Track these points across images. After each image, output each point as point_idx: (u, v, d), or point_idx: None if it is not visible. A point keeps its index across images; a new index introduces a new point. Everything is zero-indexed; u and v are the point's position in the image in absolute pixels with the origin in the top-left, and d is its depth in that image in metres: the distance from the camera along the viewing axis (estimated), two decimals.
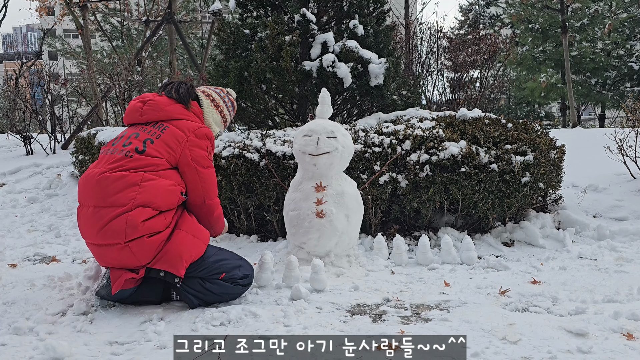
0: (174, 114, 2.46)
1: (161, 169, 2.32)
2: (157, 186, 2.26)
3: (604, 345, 1.89)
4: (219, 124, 2.74)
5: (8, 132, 7.81)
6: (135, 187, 2.22)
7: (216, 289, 2.30)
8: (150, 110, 2.44)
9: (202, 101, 2.67)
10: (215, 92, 2.79)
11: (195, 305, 2.29)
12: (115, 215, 2.19)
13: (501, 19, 21.06)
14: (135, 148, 2.32)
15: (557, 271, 2.85)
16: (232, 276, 2.33)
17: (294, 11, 4.32)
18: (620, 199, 4.05)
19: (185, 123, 2.45)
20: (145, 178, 2.25)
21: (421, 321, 2.14)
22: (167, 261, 2.21)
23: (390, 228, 3.45)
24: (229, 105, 2.82)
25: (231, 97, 2.88)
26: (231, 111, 2.84)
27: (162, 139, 2.36)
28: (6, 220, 4.28)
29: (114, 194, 2.21)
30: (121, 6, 15.20)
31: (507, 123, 3.69)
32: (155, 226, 2.21)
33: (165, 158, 2.34)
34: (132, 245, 2.17)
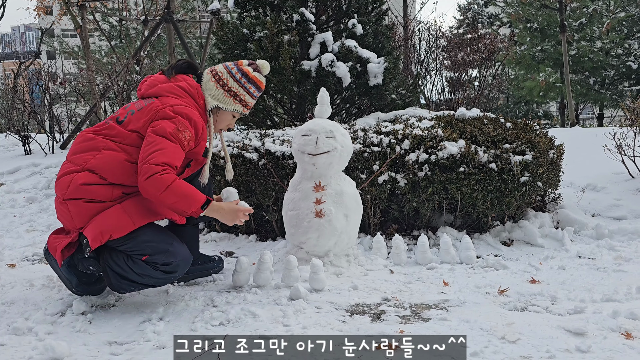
0: (163, 90, 2.41)
1: (128, 142, 2.30)
2: (112, 157, 2.27)
3: (603, 345, 1.89)
4: (223, 100, 2.52)
5: (6, 131, 7.80)
6: (94, 151, 2.29)
7: (136, 268, 2.24)
8: (147, 85, 2.46)
9: (203, 77, 2.56)
10: (225, 65, 2.58)
11: (113, 285, 2.27)
12: (69, 172, 2.29)
13: (500, 18, 21.07)
14: (117, 118, 2.38)
15: (555, 270, 2.86)
16: (153, 260, 2.24)
17: (293, 11, 4.31)
18: (619, 198, 4.05)
19: (168, 99, 2.37)
20: (108, 147, 2.28)
21: (420, 321, 2.14)
22: (91, 230, 2.20)
23: (389, 227, 3.46)
24: (239, 78, 2.53)
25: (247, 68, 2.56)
26: (246, 85, 2.54)
27: (143, 110, 2.35)
28: (5, 220, 4.28)
29: (78, 152, 2.33)
30: (120, 5, 15.18)
31: (505, 122, 3.69)
32: (96, 194, 2.22)
33: (136, 128, 2.31)
34: (69, 204, 2.24)
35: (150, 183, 2.18)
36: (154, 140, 2.24)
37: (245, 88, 2.55)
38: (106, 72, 7.98)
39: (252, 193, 3.43)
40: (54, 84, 8.29)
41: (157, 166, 2.19)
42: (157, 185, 2.18)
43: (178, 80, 2.47)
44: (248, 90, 2.56)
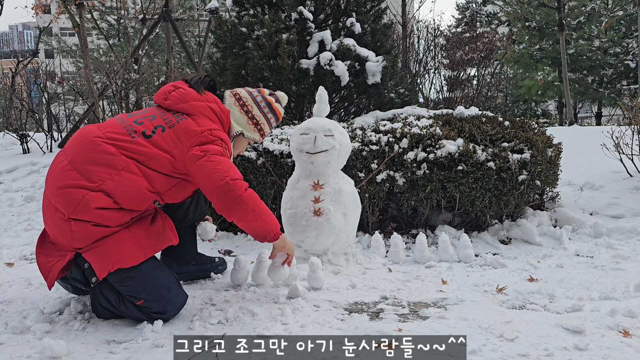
0: (196, 110, 2.25)
1: (155, 166, 2.11)
2: (132, 183, 2.06)
3: (601, 343, 1.89)
4: (245, 126, 2.45)
5: (4, 130, 7.78)
6: (112, 170, 2.05)
7: (126, 309, 2.11)
8: (176, 98, 2.27)
9: (226, 99, 2.44)
10: (248, 91, 2.52)
11: (99, 313, 2.15)
12: (77, 186, 2.03)
13: (498, 16, 21.08)
14: (143, 131, 2.15)
15: (554, 269, 2.86)
16: (148, 306, 2.09)
17: (291, 9, 4.31)
18: (617, 197, 4.06)
19: (205, 120, 2.23)
20: (129, 169, 2.07)
21: (419, 319, 2.14)
22: (96, 254, 2.03)
23: (388, 226, 3.46)
24: (263, 106, 2.49)
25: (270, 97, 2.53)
26: (268, 114, 2.50)
27: (176, 129, 2.17)
28: (3, 219, 4.27)
29: (92, 164, 2.06)
30: (118, 4, 15.16)
31: (504, 121, 3.69)
32: (107, 219, 2.03)
33: (168, 149, 2.13)
34: (74, 224, 2.01)
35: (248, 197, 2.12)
36: (218, 159, 2.12)
37: (267, 118, 2.51)
38: (104, 71, 7.97)
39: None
40: (52, 82, 8.27)
41: (242, 180, 2.14)
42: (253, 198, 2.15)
43: (209, 100, 2.32)
44: (269, 120, 2.52)
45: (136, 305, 2.10)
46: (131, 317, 2.13)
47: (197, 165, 2.11)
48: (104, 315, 2.16)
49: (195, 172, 2.12)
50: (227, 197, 2.09)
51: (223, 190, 2.08)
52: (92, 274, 2.06)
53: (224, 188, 2.08)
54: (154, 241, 2.14)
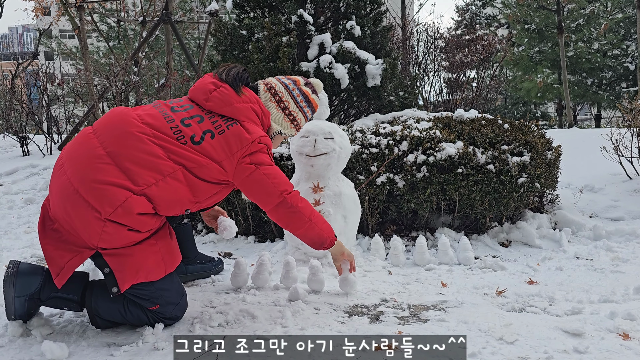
0: (242, 114, 2.11)
1: (203, 175, 2.00)
2: (177, 192, 1.95)
3: (600, 345, 1.90)
4: (282, 124, 2.31)
5: (4, 132, 7.79)
6: (158, 175, 1.91)
7: (134, 318, 2.04)
8: (219, 99, 2.11)
9: (260, 94, 2.28)
10: (283, 83, 2.32)
11: (98, 324, 2.06)
12: (121, 185, 1.86)
13: (497, 19, 21.13)
14: (192, 136, 2.01)
15: (553, 271, 2.87)
16: (163, 311, 2.05)
17: (291, 12, 4.32)
18: (616, 199, 4.07)
19: (253, 126, 2.11)
20: (175, 176, 1.94)
21: (418, 322, 2.15)
22: (121, 264, 1.91)
23: (388, 229, 3.46)
24: (300, 101, 2.32)
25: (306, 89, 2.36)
26: (305, 108, 2.35)
27: (225, 135, 2.04)
28: (3, 222, 4.27)
29: (137, 164, 1.90)
30: (118, 6, 15.17)
31: (503, 124, 3.70)
32: (143, 224, 1.91)
33: (219, 159, 2.02)
34: (109, 225, 1.85)
35: (304, 207, 2.12)
36: (270, 172, 2.09)
37: (304, 112, 2.36)
38: (104, 73, 7.97)
39: None
40: (52, 84, 8.27)
41: (296, 191, 2.15)
42: (308, 207, 2.15)
43: (251, 101, 2.17)
44: (305, 114, 2.37)
45: (148, 309, 2.04)
46: (136, 322, 2.07)
47: (251, 179, 2.06)
48: (104, 325, 2.09)
49: (250, 186, 2.08)
50: (286, 212, 2.10)
51: (282, 206, 2.08)
52: (114, 283, 1.92)
53: (282, 204, 2.08)
54: (172, 258, 2.06)
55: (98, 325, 2.09)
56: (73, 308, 2.10)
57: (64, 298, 2.06)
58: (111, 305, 2.04)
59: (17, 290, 2.01)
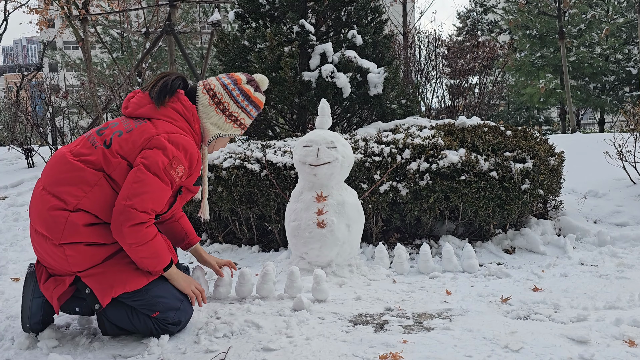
0: (156, 112, 2.11)
1: (117, 175, 2.02)
2: (103, 197, 1.99)
3: (606, 353, 1.89)
4: (224, 125, 2.26)
5: (9, 145, 7.85)
6: (87, 187, 1.98)
7: (141, 324, 2.06)
8: (135, 104, 2.15)
9: (199, 97, 2.24)
10: (222, 84, 2.27)
11: (107, 331, 2.09)
12: (55, 207, 1.96)
13: (499, 25, 21.18)
14: (104, 141, 2.05)
15: (558, 278, 2.86)
16: (165, 317, 2.06)
17: (293, 22, 4.35)
18: (621, 205, 4.05)
19: (163, 123, 2.09)
20: (100, 183, 1.99)
21: (423, 330, 2.14)
22: (97, 282, 1.99)
23: (392, 237, 3.46)
24: (240, 100, 2.26)
25: (247, 87, 2.29)
26: (247, 107, 2.29)
27: (133, 132, 2.06)
28: (8, 234, 4.29)
29: (65, 184, 1.99)
30: (121, 18, 15.29)
31: (506, 130, 3.71)
32: (98, 235, 1.97)
33: (125, 155, 2.03)
34: (67, 248, 1.94)
35: (132, 232, 1.95)
36: (143, 179, 1.97)
37: (247, 111, 2.30)
38: (108, 84, 8.03)
39: (254, 204, 3.45)
40: (56, 96, 8.33)
41: (144, 214, 1.97)
42: (138, 237, 1.96)
43: (172, 100, 2.16)
44: (249, 113, 2.31)
45: (151, 317, 2.06)
46: (143, 330, 2.08)
47: (130, 173, 2.00)
48: (112, 332, 2.11)
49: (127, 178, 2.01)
50: (117, 218, 1.96)
51: (118, 210, 1.96)
52: (95, 300, 2.01)
53: (120, 209, 1.96)
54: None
55: (106, 331, 2.11)
56: (84, 310, 2.15)
57: (77, 296, 2.11)
58: (119, 309, 2.06)
59: (36, 290, 2.09)
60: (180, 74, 2.27)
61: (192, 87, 2.29)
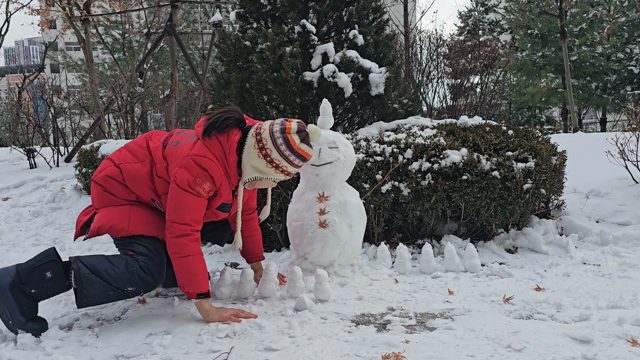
0: (200, 134, 2.35)
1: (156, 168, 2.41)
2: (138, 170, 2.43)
3: (609, 352, 1.89)
4: (265, 170, 2.35)
5: (11, 145, 7.86)
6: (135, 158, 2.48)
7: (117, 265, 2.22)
8: (199, 122, 2.42)
9: (247, 139, 2.35)
10: (272, 130, 2.33)
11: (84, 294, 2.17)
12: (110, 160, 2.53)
13: (500, 24, 21.17)
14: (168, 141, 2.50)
15: (560, 277, 2.85)
16: (137, 259, 2.26)
17: (294, 22, 4.35)
18: (623, 204, 4.05)
19: (204, 149, 2.30)
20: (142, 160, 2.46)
21: (426, 330, 2.14)
22: (96, 220, 2.39)
23: (394, 237, 3.46)
24: (283, 150, 2.32)
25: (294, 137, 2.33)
26: (290, 157, 2.34)
27: (179, 145, 2.41)
28: (11, 235, 4.30)
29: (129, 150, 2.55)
30: (122, 19, 15.31)
31: (507, 130, 3.70)
32: (113, 188, 2.43)
33: (168, 160, 2.41)
34: (93, 185, 2.49)
35: (174, 243, 2.26)
36: (177, 196, 2.26)
37: (290, 160, 2.35)
38: (109, 85, 8.05)
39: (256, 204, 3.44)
40: (58, 97, 8.34)
41: (185, 226, 2.26)
42: (179, 248, 2.25)
43: (225, 139, 2.34)
44: (292, 162, 2.36)
45: (128, 255, 2.28)
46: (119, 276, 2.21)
47: (170, 187, 2.32)
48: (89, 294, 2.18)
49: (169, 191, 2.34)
50: (166, 232, 2.31)
51: (166, 226, 2.31)
52: (87, 230, 2.40)
53: (167, 225, 2.30)
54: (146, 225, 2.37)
55: (84, 296, 2.17)
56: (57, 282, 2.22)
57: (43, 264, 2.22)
58: (95, 257, 2.27)
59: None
60: (239, 115, 2.39)
61: (247, 128, 2.40)
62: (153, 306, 2.52)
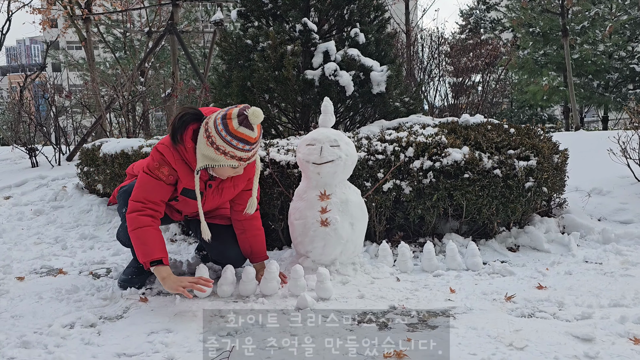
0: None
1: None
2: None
3: (611, 350, 1.89)
4: (214, 156, 2.43)
5: (13, 144, 7.87)
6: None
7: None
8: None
9: (200, 130, 2.47)
10: (216, 117, 2.43)
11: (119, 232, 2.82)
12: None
13: (502, 23, 21.12)
14: None
15: (562, 276, 2.85)
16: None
17: (296, 21, 4.35)
18: (625, 202, 4.04)
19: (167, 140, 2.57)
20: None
21: (427, 328, 2.14)
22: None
23: (395, 235, 3.46)
24: (224, 135, 2.38)
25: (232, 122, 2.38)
26: (232, 142, 2.39)
27: None
28: (13, 233, 4.30)
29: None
30: (124, 18, 15.31)
31: (509, 128, 3.70)
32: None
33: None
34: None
35: (130, 218, 2.50)
36: (140, 178, 2.57)
37: (233, 145, 2.39)
38: (111, 84, 8.05)
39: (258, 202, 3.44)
40: (60, 96, 8.35)
41: (137, 203, 2.51)
42: (132, 223, 2.49)
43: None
44: (236, 146, 2.40)
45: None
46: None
47: None
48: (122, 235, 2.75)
49: None
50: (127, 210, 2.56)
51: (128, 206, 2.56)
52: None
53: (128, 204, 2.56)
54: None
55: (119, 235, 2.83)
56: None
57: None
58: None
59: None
60: (194, 110, 2.55)
61: (204, 119, 2.52)
62: (155, 305, 2.52)
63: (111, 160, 4.49)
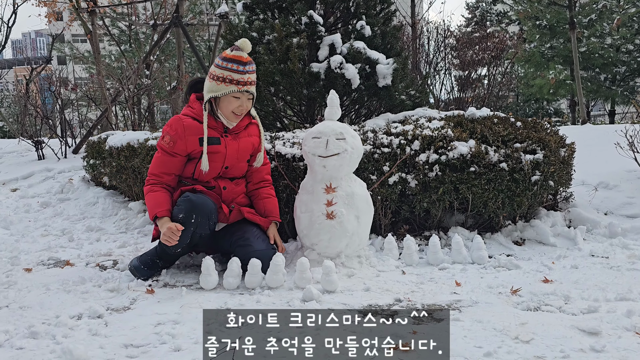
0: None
1: None
2: None
3: (617, 344, 1.89)
4: (217, 88, 2.81)
5: (19, 137, 7.90)
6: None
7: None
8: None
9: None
10: (215, 63, 2.90)
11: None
12: None
13: (508, 15, 20.99)
14: None
15: (568, 270, 2.85)
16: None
17: (301, 13, 4.33)
18: (632, 196, 4.02)
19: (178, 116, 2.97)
20: None
21: (433, 321, 2.14)
22: None
23: (401, 228, 3.46)
24: (220, 63, 2.83)
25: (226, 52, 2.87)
26: (228, 65, 2.81)
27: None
28: (20, 225, 4.33)
29: None
30: (129, 10, 15.30)
31: (516, 121, 3.68)
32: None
33: None
34: None
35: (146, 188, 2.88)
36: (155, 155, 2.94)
37: (228, 68, 2.79)
38: (116, 77, 8.06)
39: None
40: (65, 89, 8.37)
41: (148, 177, 2.89)
42: (145, 190, 2.89)
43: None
44: (231, 69, 2.80)
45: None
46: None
47: None
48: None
49: None
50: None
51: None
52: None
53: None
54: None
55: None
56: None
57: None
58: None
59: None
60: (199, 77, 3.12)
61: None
62: (162, 296, 2.54)
63: (117, 153, 4.50)
